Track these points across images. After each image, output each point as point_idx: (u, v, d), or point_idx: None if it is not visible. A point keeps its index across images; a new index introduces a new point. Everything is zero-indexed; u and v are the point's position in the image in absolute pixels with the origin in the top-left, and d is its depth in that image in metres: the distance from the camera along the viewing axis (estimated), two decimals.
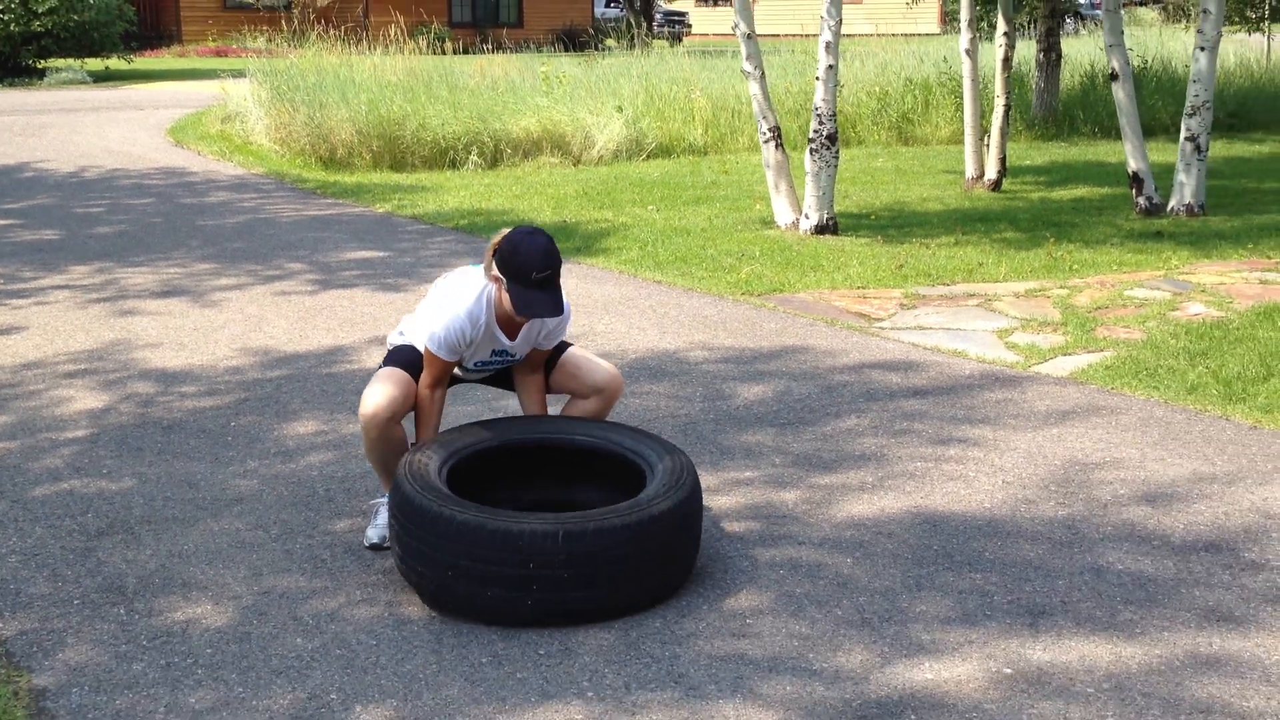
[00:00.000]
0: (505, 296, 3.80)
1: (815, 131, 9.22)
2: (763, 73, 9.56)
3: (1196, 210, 9.72)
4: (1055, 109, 16.22)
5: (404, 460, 3.74)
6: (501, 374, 4.23)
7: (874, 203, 10.96)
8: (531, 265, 3.73)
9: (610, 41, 34.53)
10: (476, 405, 5.38)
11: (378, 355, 6.28)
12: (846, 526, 4.14)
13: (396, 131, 13.37)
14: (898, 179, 12.53)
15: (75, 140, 15.88)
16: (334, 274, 8.30)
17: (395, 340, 4.15)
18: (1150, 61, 17.94)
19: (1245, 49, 20.79)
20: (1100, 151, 14.25)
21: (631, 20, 35.96)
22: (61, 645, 3.48)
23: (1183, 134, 9.74)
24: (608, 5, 48.71)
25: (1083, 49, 20.00)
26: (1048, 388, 5.60)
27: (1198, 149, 9.69)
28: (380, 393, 3.90)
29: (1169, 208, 9.84)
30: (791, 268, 8.17)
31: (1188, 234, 9.05)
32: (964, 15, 11.45)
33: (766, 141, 9.54)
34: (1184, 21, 26.96)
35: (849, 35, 25.15)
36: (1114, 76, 9.99)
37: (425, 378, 3.96)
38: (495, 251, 3.81)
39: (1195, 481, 4.45)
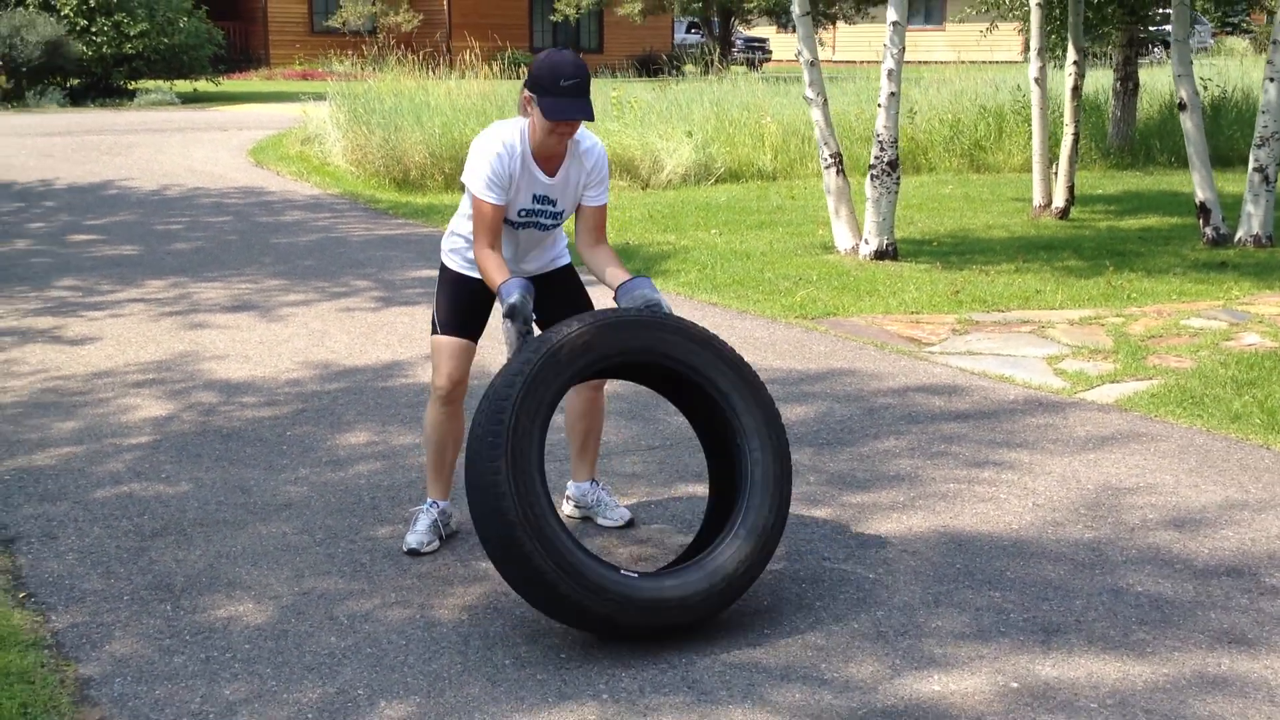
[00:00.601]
0: (536, 112, 3.81)
1: (876, 158, 9.29)
2: (825, 99, 9.65)
3: (1264, 241, 9.64)
4: (1131, 138, 16.11)
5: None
6: (548, 294, 4.10)
7: (938, 229, 10.99)
8: (560, 73, 3.76)
9: (689, 67, 34.77)
10: None
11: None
12: (872, 544, 4.21)
13: (468, 154, 13.59)
14: (965, 206, 12.53)
15: (159, 159, 16.34)
16: (397, 291, 8.50)
17: (445, 256, 4.19)
18: (1231, 91, 17.75)
19: None
20: (1174, 182, 14.12)
21: (710, 46, 36.20)
22: (109, 638, 3.65)
23: (1251, 164, 9.66)
24: (688, 31, 49.04)
25: (1163, 78, 19.83)
26: (1090, 414, 5.63)
27: (1266, 180, 9.61)
28: (446, 366, 4.14)
29: (1236, 238, 9.77)
30: (847, 292, 8.24)
31: (1253, 265, 8.98)
32: (1034, 44, 11.45)
33: (828, 167, 9.62)
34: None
35: (930, 62, 25.03)
36: (1182, 106, 9.94)
37: (479, 238, 3.91)
38: (526, 79, 3.87)
39: (1226, 508, 4.46)
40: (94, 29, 25.79)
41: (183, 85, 28.33)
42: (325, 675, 3.42)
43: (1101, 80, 17.90)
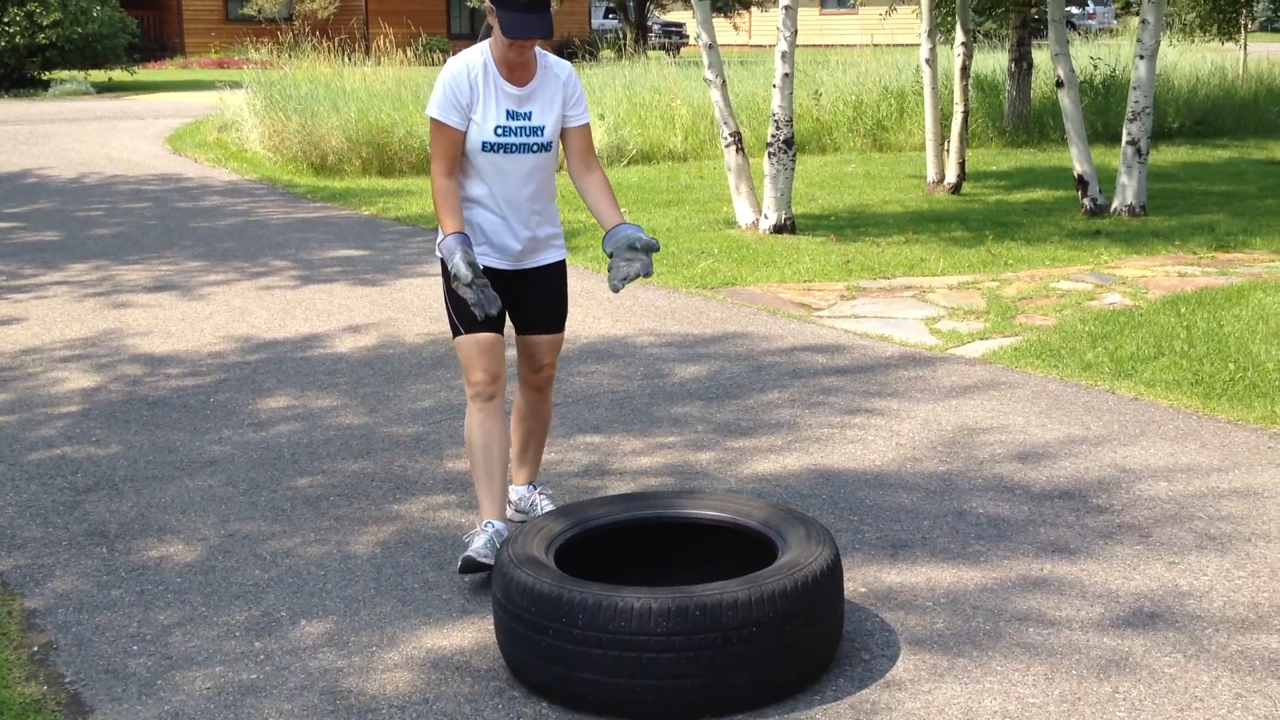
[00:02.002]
0: (496, 27, 3.71)
1: (773, 136, 9.74)
2: (724, 81, 10.08)
3: (1138, 210, 10.23)
4: (1026, 116, 16.73)
5: (502, 550, 3.37)
6: (545, 296, 4.03)
7: (837, 205, 11.48)
8: None
9: (607, 52, 35.10)
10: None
11: (350, 341, 6.83)
12: (750, 480, 4.66)
13: (385, 139, 13.92)
14: (865, 183, 13.05)
15: (77, 148, 16.44)
16: (316, 270, 8.82)
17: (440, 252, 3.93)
18: (1123, 70, 18.45)
19: (1225, 58, 21.29)
20: (1064, 158, 14.62)
21: (626, 31, 36.55)
22: (50, 577, 4.00)
23: (1124, 138, 10.25)
24: (606, 16, 49.34)
25: (1040, 57, 20.48)
26: (957, 367, 6.12)
27: (1138, 152, 10.21)
28: (478, 364, 3.86)
29: (1112, 208, 10.35)
30: (746, 263, 8.69)
31: (1125, 232, 9.56)
32: (923, 26, 11.98)
33: (728, 146, 10.06)
34: (1166, 31, 27.41)
35: (841, 45, 25.57)
36: (1060, 84, 10.51)
37: (437, 162, 3.81)
38: None
39: (1067, 443, 4.96)
40: (5, 19, 25.63)
41: (98, 75, 28.19)
42: (251, 601, 3.80)
43: (998, 60, 18.55)
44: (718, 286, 8.06)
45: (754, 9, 41.24)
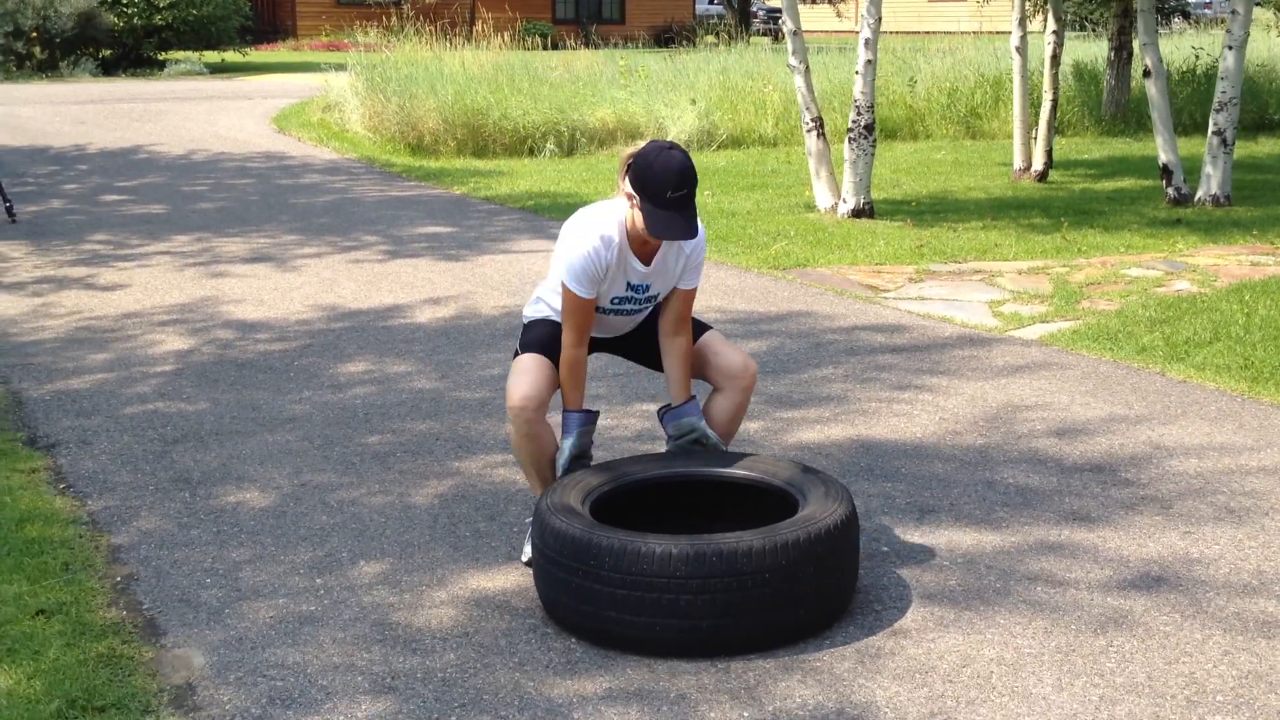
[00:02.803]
0: (638, 215, 3.62)
1: (854, 122, 9.88)
2: (807, 67, 10.23)
3: (1222, 200, 10.19)
4: (1125, 105, 16.59)
5: (541, 499, 3.57)
6: (643, 341, 4.04)
7: (920, 191, 11.57)
8: (667, 184, 3.54)
9: (710, 38, 35.25)
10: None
11: (430, 312, 7.14)
12: (793, 448, 4.87)
13: (479, 121, 14.27)
14: (952, 170, 13.10)
15: (187, 126, 17.06)
16: (404, 245, 9.17)
17: (530, 313, 4.00)
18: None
19: None
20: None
21: (730, 17, 36.64)
22: (136, 517, 4.34)
23: (1210, 128, 10.21)
24: (711, 2, 49.47)
25: (1176, 48, 20.27)
26: (1013, 348, 6.25)
27: (1224, 142, 10.16)
28: (523, 382, 3.76)
29: (1196, 198, 10.32)
30: (820, 246, 8.86)
31: (1205, 222, 9.55)
32: (1014, 14, 11.99)
33: (809, 131, 10.22)
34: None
35: (943, 32, 25.49)
36: (1147, 74, 10.49)
37: (568, 332, 3.77)
38: (629, 168, 3.65)
39: (1107, 421, 5.09)
40: (125, 1, 26.51)
41: (211, 56, 29.03)
42: (316, 543, 4.10)
43: (1099, 49, 18.38)
44: (789, 268, 8.25)
45: None
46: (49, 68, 25.53)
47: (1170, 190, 10.42)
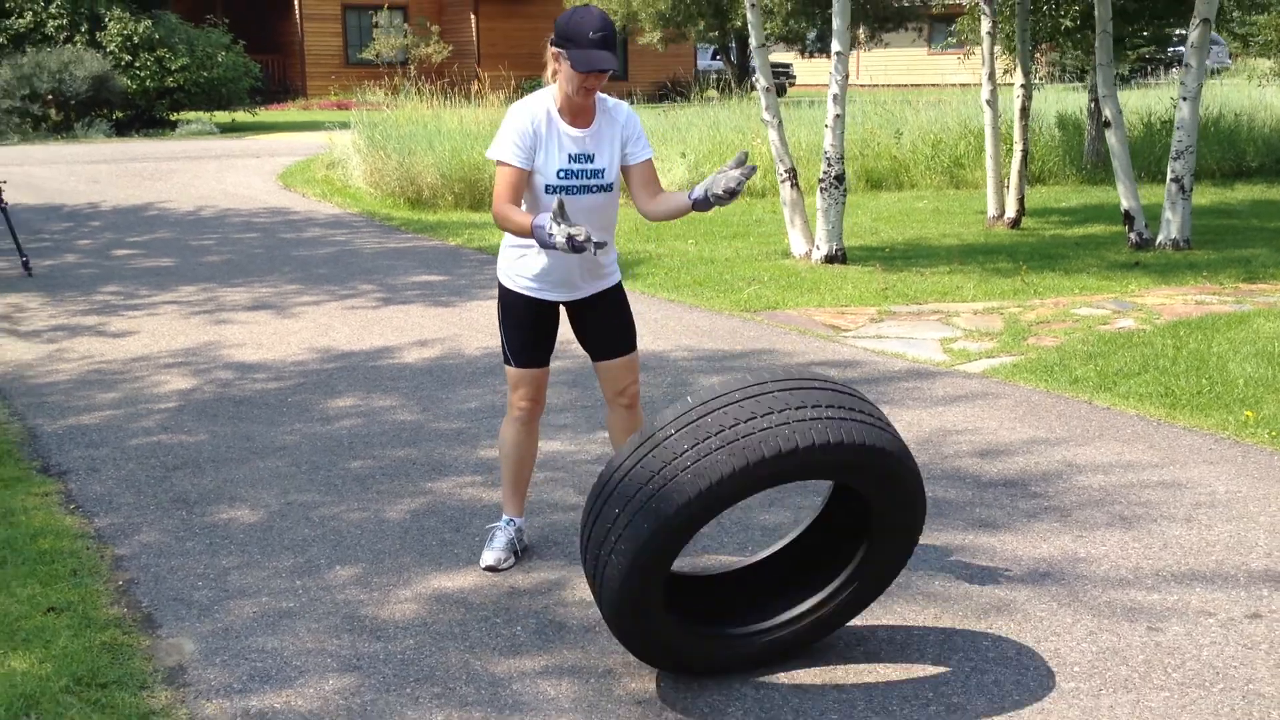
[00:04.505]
0: (566, 68, 3.88)
1: (825, 173, 10.39)
2: (780, 121, 10.76)
3: (1181, 244, 10.66)
4: (1105, 155, 17.09)
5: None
6: (601, 324, 4.25)
7: (897, 238, 12.06)
8: (588, 26, 3.83)
9: (712, 92, 35.99)
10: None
11: (417, 353, 7.62)
12: None
13: (476, 175, 14.83)
14: (931, 218, 13.59)
15: (196, 184, 17.67)
16: (398, 293, 9.68)
17: (501, 264, 4.26)
18: (1208, 109, 18.72)
19: None
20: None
21: (729, 72, 37.40)
22: (137, 532, 4.80)
23: (1169, 175, 10.70)
24: (713, 58, 50.32)
25: (1144, 99, 20.83)
26: (956, 380, 6.71)
27: (1182, 189, 10.64)
28: (525, 391, 4.28)
29: (1157, 242, 10.79)
30: (791, 290, 9.34)
31: (1163, 264, 10.01)
32: (984, 69, 12.53)
33: (783, 181, 10.73)
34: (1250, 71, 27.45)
35: (929, 85, 25.96)
36: (1106, 124, 11.00)
37: (498, 197, 3.97)
38: (552, 39, 3.94)
39: (1028, 443, 5.54)
40: (138, 64, 27.30)
41: (222, 116, 29.79)
42: (297, 552, 4.56)
43: (1079, 100, 18.94)
44: (760, 310, 8.72)
45: (859, 51, 41.87)
46: (64, 129, 26.27)
47: (1132, 235, 10.89)
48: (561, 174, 4.01)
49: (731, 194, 3.73)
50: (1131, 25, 17.31)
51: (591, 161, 4.03)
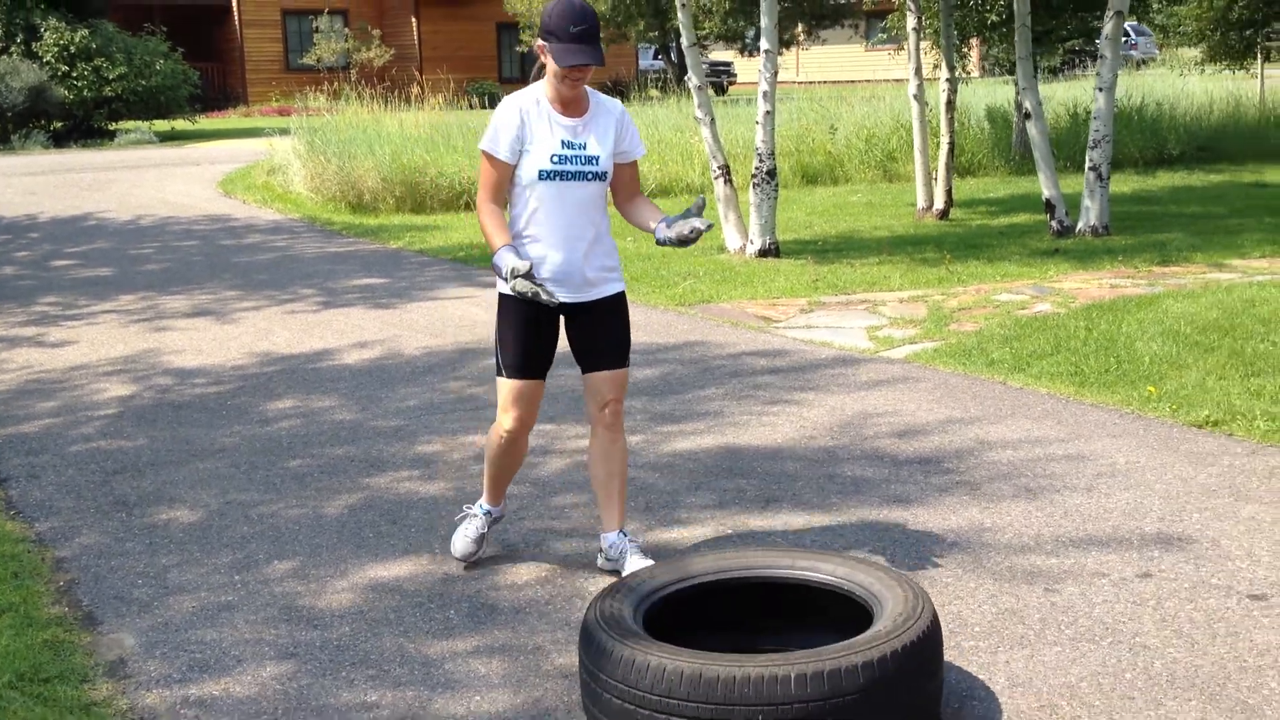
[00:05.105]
0: (550, 61, 3.90)
1: (756, 169, 10.60)
2: (713, 119, 10.96)
3: (1100, 231, 10.96)
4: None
5: (593, 607, 3.33)
6: (591, 330, 4.11)
7: (829, 231, 12.30)
8: (569, 20, 3.84)
9: (654, 91, 36.19)
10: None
11: (356, 355, 7.74)
12: (666, 455, 5.50)
13: (416, 178, 14.95)
14: (863, 211, 13.86)
15: (135, 193, 17.65)
16: (338, 296, 9.79)
17: (500, 288, 4.08)
18: (1131, 99, 19.13)
19: (1242, 88, 21.89)
20: (1063, 184, 15.44)
21: (670, 71, 37.62)
22: (77, 534, 4.92)
23: (1087, 164, 11.00)
24: (655, 57, 50.57)
25: (1069, 91, 21.26)
26: (879, 366, 6.93)
27: (1100, 177, 10.95)
28: (517, 410, 4.10)
29: (1078, 229, 11.09)
30: (726, 283, 9.54)
31: (1082, 250, 10.30)
32: (911, 65, 12.79)
33: (717, 178, 10.94)
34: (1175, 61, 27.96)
35: (865, 81, 26.33)
36: (1027, 116, 11.29)
37: (482, 191, 4.00)
38: (540, 29, 3.95)
39: (944, 423, 5.76)
40: (75, 74, 27.13)
41: (161, 125, 29.64)
42: (236, 548, 4.69)
43: (1007, 94, 19.28)
44: (694, 304, 8.91)
45: (798, 48, 42.23)
46: (0, 141, 26.07)
47: (1054, 223, 11.18)
48: (555, 159, 3.96)
49: (684, 241, 3.88)
50: (1056, 19, 17.69)
51: (585, 149, 3.99)
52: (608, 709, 3.08)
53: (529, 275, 3.79)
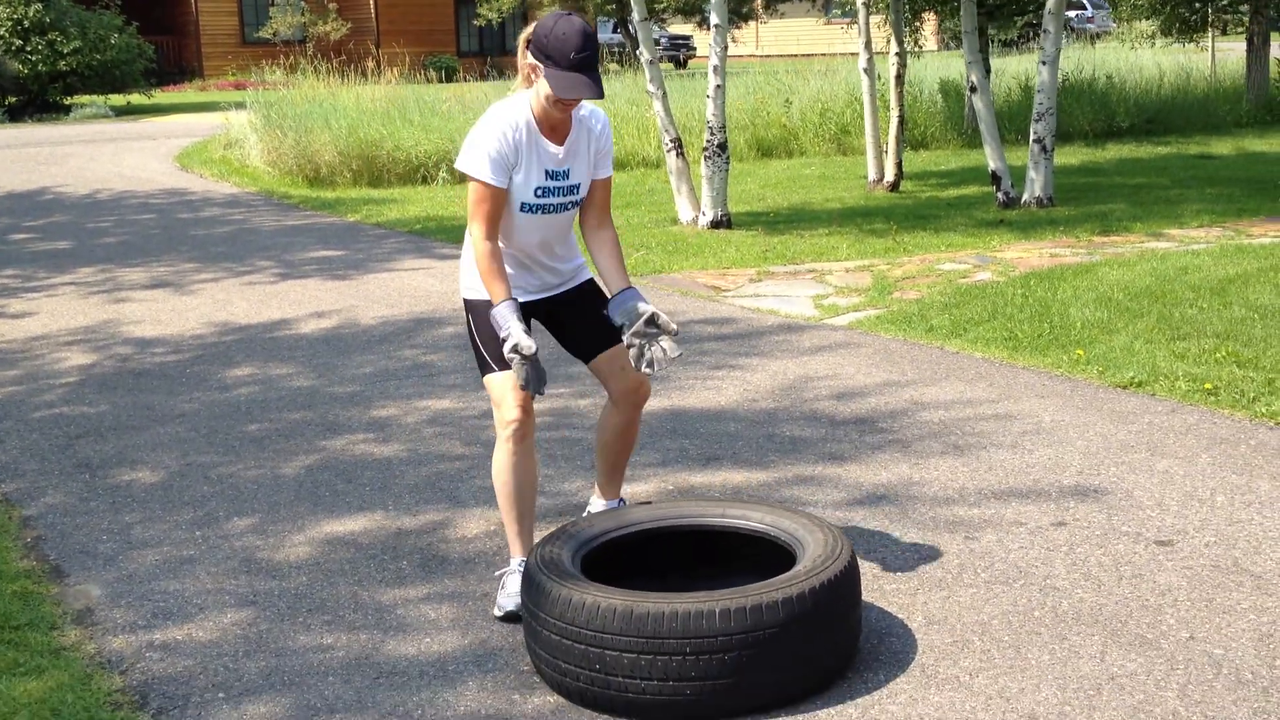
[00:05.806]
0: (544, 85, 3.59)
1: (708, 141, 10.80)
2: (664, 92, 11.14)
3: (1045, 202, 11.24)
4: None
5: (534, 552, 3.48)
6: (578, 321, 3.97)
7: (782, 204, 12.52)
8: (570, 46, 3.53)
9: (612, 65, 36.27)
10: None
11: (314, 324, 7.90)
12: None
13: (373, 152, 15.05)
14: (816, 184, 14.08)
15: (92, 168, 17.66)
16: (295, 268, 9.93)
17: (464, 279, 3.94)
18: (1083, 72, 19.43)
19: (1193, 61, 22.25)
20: (1013, 156, 15.73)
21: (629, 45, 37.69)
22: (43, 494, 5.08)
23: (1031, 137, 11.26)
24: (614, 31, 50.61)
25: (1021, 65, 21.53)
26: (823, 333, 7.16)
27: (1044, 149, 11.21)
28: (513, 399, 3.75)
29: (1023, 200, 11.36)
30: (678, 255, 9.74)
31: (1026, 221, 10.57)
32: (860, 39, 13.01)
33: (669, 151, 11.12)
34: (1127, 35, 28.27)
35: (822, 55, 26.51)
36: (973, 89, 11.53)
37: (479, 225, 3.70)
38: (529, 41, 3.64)
39: (881, 385, 6.00)
40: (29, 48, 26.99)
41: (117, 99, 29.52)
42: (196, 506, 4.87)
43: (960, 68, 19.54)
44: (646, 274, 9.11)
45: (758, 23, 42.41)
46: None
47: (1000, 195, 11.45)
48: (539, 192, 3.75)
49: (653, 366, 3.69)
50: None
51: (567, 178, 3.78)
52: (547, 645, 3.29)
53: (534, 359, 3.57)
